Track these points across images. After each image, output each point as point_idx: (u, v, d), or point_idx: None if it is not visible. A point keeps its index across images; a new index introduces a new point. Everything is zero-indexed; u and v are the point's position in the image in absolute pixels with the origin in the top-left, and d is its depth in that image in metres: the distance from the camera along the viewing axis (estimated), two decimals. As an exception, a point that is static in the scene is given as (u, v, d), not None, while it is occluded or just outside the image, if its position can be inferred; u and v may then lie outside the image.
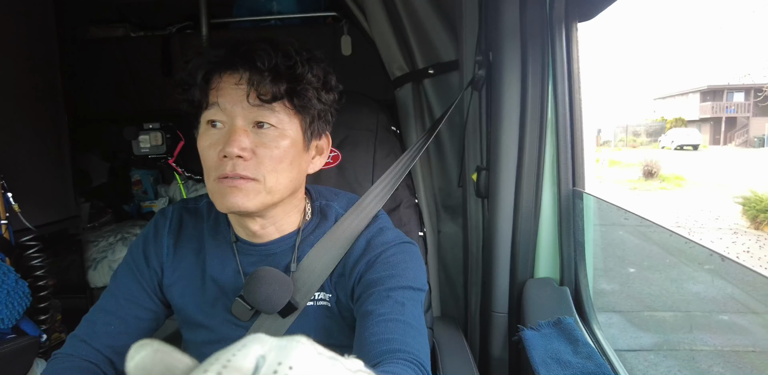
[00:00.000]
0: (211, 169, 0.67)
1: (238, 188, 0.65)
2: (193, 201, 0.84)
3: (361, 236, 0.76)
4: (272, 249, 0.76)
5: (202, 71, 0.67)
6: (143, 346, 0.25)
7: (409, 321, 0.66)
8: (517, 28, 0.98)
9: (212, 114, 0.67)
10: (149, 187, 2.25)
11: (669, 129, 16.82)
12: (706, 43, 12.58)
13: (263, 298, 0.70)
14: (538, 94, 0.98)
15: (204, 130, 0.68)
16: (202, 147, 0.68)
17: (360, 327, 0.67)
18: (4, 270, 1.17)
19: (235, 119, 0.66)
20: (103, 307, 0.79)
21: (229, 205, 0.66)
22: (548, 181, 1.01)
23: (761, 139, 12.56)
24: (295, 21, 1.86)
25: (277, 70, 0.65)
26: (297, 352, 0.23)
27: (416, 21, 1.24)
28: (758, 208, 6.29)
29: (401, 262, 0.73)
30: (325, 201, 0.81)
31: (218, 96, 0.66)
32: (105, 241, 1.93)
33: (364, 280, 0.72)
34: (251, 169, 0.65)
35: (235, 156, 0.64)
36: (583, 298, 0.99)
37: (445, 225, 1.34)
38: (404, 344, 0.63)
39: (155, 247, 0.80)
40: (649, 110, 17.80)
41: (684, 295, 2.54)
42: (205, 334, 0.78)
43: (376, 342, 0.63)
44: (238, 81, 0.66)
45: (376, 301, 0.68)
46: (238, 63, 0.65)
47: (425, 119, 1.31)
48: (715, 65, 11.76)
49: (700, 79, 12.12)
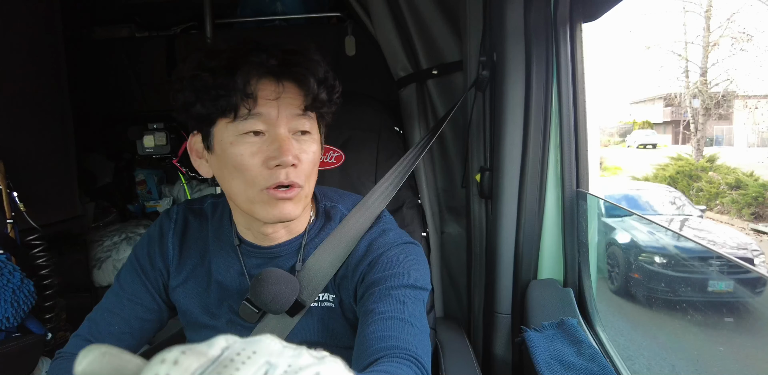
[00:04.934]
0: (254, 178, 0.66)
1: (290, 198, 0.66)
2: (197, 202, 0.84)
3: (364, 238, 0.76)
4: (277, 252, 0.76)
5: (256, 78, 0.64)
6: (90, 350, 0.24)
7: (408, 319, 0.66)
8: (521, 29, 0.98)
9: (254, 124, 0.65)
10: (153, 187, 2.25)
11: (635, 130, 19.16)
12: (674, 52, 13.31)
13: (270, 299, 0.70)
14: (542, 95, 0.98)
15: (239, 138, 0.66)
16: (241, 156, 0.65)
17: (361, 325, 0.67)
18: (10, 269, 1.17)
19: (280, 128, 0.65)
20: (106, 307, 0.80)
21: (281, 215, 0.67)
22: (552, 182, 1.00)
23: (712, 139, 14.90)
24: (300, 21, 1.87)
25: (325, 81, 0.67)
26: (262, 344, 0.25)
27: (420, 21, 1.24)
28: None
29: (403, 261, 0.73)
30: (330, 202, 0.81)
31: (271, 106, 0.65)
32: (110, 241, 1.94)
33: (367, 280, 0.72)
34: (299, 176, 0.67)
35: (290, 165, 0.65)
36: (586, 299, 0.99)
37: (448, 226, 1.34)
38: (402, 341, 0.63)
39: (160, 248, 0.80)
40: (625, 113, 19.72)
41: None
42: (210, 335, 0.77)
43: (374, 339, 0.63)
44: (300, 92, 0.66)
45: (377, 299, 0.68)
46: (304, 74, 0.65)
47: (429, 120, 1.31)
48: (676, 74, 13.21)
49: (665, 87, 13.72)
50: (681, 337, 1.75)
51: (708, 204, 7.92)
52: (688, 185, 8.29)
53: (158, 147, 1.74)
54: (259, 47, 0.65)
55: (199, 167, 0.74)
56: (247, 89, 0.63)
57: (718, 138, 15.09)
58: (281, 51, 0.65)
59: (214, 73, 0.64)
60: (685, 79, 11.44)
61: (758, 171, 7.96)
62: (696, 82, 11.23)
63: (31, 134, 1.41)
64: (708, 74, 11.02)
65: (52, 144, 1.51)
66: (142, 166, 2.26)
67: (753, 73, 12.60)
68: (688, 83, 11.47)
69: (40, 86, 1.46)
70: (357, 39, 1.73)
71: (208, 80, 0.64)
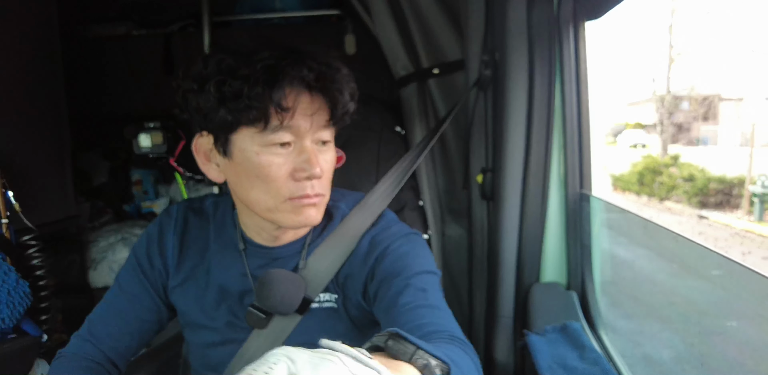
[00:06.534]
0: (278, 188, 0.66)
1: (314, 203, 0.67)
2: (198, 200, 0.83)
3: (366, 235, 0.76)
4: (281, 253, 0.76)
5: (294, 93, 0.63)
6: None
7: (435, 304, 0.67)
8: (524, 27, 0.96)
9: (282, 136, 0.64)
10: (150, 186, 2.24)
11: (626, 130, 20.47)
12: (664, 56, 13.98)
13: (279, 300, 0.70)
14: (545, 95, 0.96)
15: (266, 149, 0.64)
16: (268, 167, 0.65)
17: (386, 320, 0.67)
18: (5, 270, 1.16)
19: (305, 139, 0.66)
20: (105, 307, 0.79)
21: (306, 221, 0.68)
22: (555, 184, 0.99)
23: (699, 139, 16.33)
24: (299, 19, 1.85)
25: (350, 93, 0.67)
26: (328, 371, 0.23)
27: (421, 19, 1.22)
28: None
29: (411, 250, 0.73)
30: (332, 202, 0.79)
31: (304, 120, 0.64)
32: (105, 241, 1.92)
33: (378, 276, 0.71)
34: (324, 186, 0.68)
35: (318, 177, 0.66)
36: (590, 302, 0.98)
37: (449, 228, 1.33)
38: (438, 325, 0.63)
39: (160, 248, 0.79)
40: (619, 114, 20.99)
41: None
42: (208, 336, 0.78)
43: (409, 330, 0.62)
44: (328, 106, 0.65)
45: (397, 292, 0.68)
46: (336, 89, 0.64)
47: (430, 119, 1.30)
48: (667, 77, 14.18)
49: (657, 89, 14.52)
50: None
51: (667, 194, 9.45)
52: (653, 179, 9.79)
53: (155, 146, 1.71)
54: (299, 59, 0.63)
55: (207, 171, 0.72)
56: (284, 103, 0.62)
57: (703, 139, 16.49)
58: (317, 63, 0.64)
59: (248, 81, 0.60)
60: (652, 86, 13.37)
61: (722, 168, 8.96)
62: (654, 91, 13.22)
63: (26, 133, 1.40)
64: (669, 84, 12.85)
65: (47, 143, 1.49)
66: (138, 165, 2.24)
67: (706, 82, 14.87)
68: (654, 91, 13.28)
69: (35, 85, 1.45)
70: (357, 37, 1.72)
71: (241, 89, 0.61)
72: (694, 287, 1.35)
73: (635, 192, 10.19)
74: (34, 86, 1.44)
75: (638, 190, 10.16)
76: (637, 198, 10.04)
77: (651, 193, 9.86)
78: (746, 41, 18.54)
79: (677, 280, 1.47)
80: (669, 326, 1.47)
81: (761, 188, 7.28)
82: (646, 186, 9.95)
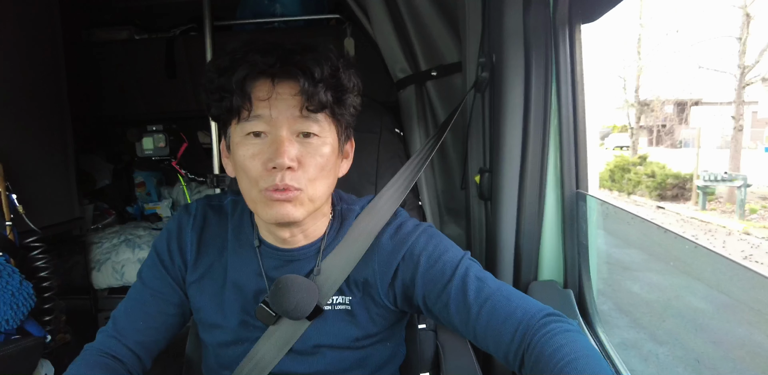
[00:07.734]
0: (255, 179, 0.66)
1: (287, 200, 0.65)
2: (217, 198, 0.84)
3: (383, 236, 0.76)
4: (297, 255, 0.76)
5: (251, 79, 0.64)
6: None
7: (498, 287, 0.69)
8: (520, 30, 0.98)
9: (255, 125, 0.65)
10: (153, 188, 2.25)
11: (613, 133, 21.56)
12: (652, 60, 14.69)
13: (293, 307, 0.71)
14: (541, 96, 0.98)
15: (243, 139, 0.66)
16: (243, 157, 0.66)
17: (464, 323, 0.68)
18: (9, 271, 1.17)
19: (280, 129, 0.65)
20: (129, 303, 0.80)
21: (278, 216, 0.66)
22: (551, 184, 1.00)
23: (681, 141, 17.54)
24: (299, 23, 1.87)
25: (329, 80, 0.65)
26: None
27: (419, 23, 1.24)
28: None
29: (439, 244, 0.74)
30: (346, 205, 0.80)
31: (265, 106, 0.64)
32: (109, 243, 1.94)
33: (421, 279, 0.72)
34: (298, 179, 0.65)
35: (286, 167, 0.64)
36: (587, 300, 0.99)
37: (448, 227, 1.34)
38: (520, 309, 0.65)
39: (179, 244, 0.79)
40: (607, 118, 21.40)
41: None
42: (222, 335, 0.78)
43: (501, 325, 0.65)
44: (295, 92, 0.64)
45: (460, 291, 0.69)
46: (297, 73, 0.63)
47: (428, 121, 1.31)
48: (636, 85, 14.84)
49: (641, 93, 14.96)
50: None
51: (633, 189, 10.75)
52: (622, 176, 11.18)
53: (157, 149, 1.74)
54: (257, 47, 0.65)
55: (226, 166, 0.75)
56: (243, 90, 0.64)
57: (685, 141, 17.67)
58: (281, 50, 0.64)
59: (218, 73, 0.65)
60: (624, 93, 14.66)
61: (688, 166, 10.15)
62: (625, 99, 14.63)
63: (30, 136, 1.41)
64: (638, 92, 14.48)
65: (50, 146, 1.51)
66: (141, 168, 2.26)
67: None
68: (626, 98, 14.69)
69: (39, 88, 1.46)
70: (356, 41, 1.73)
71: (214, 81, 0.65)
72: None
73: (607, 188, 11.56)
74: (37, 90, 1.45)
75: (610, 186, 11.50)
76: (609, 193, 11.50)
77: (620, 188, 11.22)
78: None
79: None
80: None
81: (703, 182, 8.90)
82: (617, 182, 11.33)
